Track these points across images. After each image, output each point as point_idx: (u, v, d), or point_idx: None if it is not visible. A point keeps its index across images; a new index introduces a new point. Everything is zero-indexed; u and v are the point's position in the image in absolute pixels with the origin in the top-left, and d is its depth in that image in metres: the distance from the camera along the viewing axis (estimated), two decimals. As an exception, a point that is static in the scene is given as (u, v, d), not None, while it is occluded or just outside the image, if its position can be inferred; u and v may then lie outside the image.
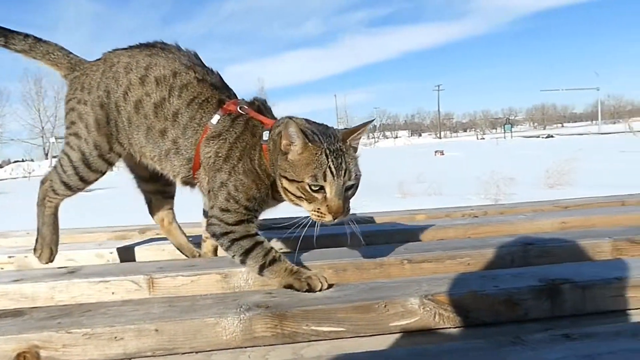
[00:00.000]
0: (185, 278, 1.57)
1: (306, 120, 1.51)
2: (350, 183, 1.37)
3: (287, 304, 1.25)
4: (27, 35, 1.75)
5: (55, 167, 1.73)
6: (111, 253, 1.98)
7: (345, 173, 1.35)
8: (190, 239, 1.97)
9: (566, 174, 9.24)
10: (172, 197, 1.94)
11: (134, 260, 1.95)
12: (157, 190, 1.90)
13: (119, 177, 2.04)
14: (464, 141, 47.96)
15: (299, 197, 1.38)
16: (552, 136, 39.51)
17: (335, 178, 1.33)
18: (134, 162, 1.78)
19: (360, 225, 2.23)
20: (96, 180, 1.73)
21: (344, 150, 1.38)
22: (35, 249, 1.75)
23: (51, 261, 1.73)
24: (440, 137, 79.75)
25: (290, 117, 1.51)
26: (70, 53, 1.81)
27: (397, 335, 1.18)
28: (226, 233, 1.48)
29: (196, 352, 1.16)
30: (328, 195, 1.34)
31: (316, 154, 1.35)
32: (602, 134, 38.79)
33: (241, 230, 1.47)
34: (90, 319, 1.22)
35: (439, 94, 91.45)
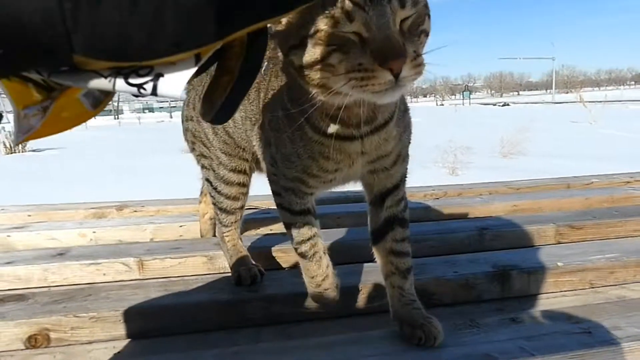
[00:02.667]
0: (172, 260, 1.69)
1: None
2: (406, 13, 0.75)
3: (275, 288, 1.40)
4: None
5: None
6: (94, 232, 2.06)
7: None
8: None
9: (519, 143, 9.70)
10: None
11: (117, 240, 2.03)
12: None
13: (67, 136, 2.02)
14: (424, 106, 48.72)
15: (320, 68, 0.78)
16: (507, 104, 40.73)
17: None
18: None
19: (336, 204, 2.40)
20: (243, 193, 1.53)
21: None
22: (235, 279, 1.50)
23: (254, 281, 1.46)
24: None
25: None
26: None
27: (371, 316, 1.36)
28: (276, 193, 1.22)
29: (192, 333, 1.30)
30: (365, 32, 0.74)
31: None
32: (555, 103, 40.24)
33: (287, 199, 1.17)
34: (94, 303, 1.33)
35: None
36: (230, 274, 1.54)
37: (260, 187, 1.57)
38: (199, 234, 2.03)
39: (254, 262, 1.54)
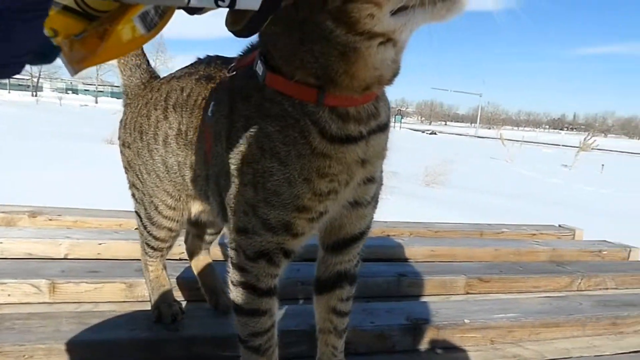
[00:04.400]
0: (88, 285, 1.63)
1: None
2: None
3: (196, 327, 1.39)
4: None
5: None
6: (1, 243, 1.91)
7: None
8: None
9: (442, 174, 10.25)
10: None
11: (27, 254, 1.90)
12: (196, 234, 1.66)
13: None
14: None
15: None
16: (435, 133, 42.69)
17: None
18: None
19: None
20: (172, 237, 1.44)
21: None
22: (155, 316, 1.45)
23: (175, 319, 1.43)
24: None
25: None
26: (148, 64, 1.51)
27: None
28: (240, 268, 0.99)
29: (105, 371, 1.26)
30: None
31: None
32: (478, 137, 42.85)
33: (256, 271, 0.97)
34: (-4, 335, 1.25)
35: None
36: (148, 303, 1.51)
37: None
38: (118, 253, 1.97)
39: (175, 299, 1.51)
